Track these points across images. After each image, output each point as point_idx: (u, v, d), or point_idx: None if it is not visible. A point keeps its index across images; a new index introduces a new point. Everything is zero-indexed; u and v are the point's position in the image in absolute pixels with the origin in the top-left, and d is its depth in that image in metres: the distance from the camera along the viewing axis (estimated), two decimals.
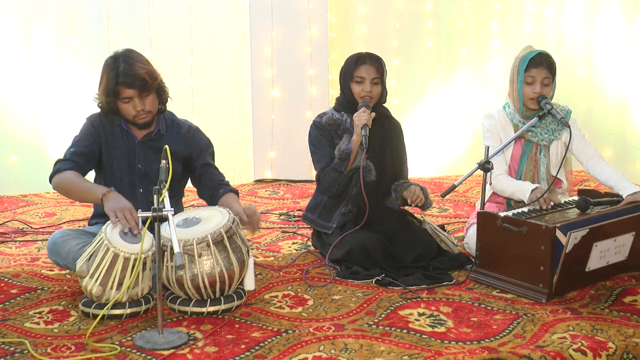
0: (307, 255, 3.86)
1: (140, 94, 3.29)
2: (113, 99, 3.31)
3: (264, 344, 2.79)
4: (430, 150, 6.16)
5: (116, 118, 3.42)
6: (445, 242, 3.77)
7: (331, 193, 3.72)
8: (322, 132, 3.76)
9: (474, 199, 5.08)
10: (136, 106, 3.31)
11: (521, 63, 3.71)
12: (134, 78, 3.25)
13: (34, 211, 4.89)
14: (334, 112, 3.78)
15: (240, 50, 5.75)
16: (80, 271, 3.01)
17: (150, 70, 3.33)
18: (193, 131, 3.55)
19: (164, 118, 3.50)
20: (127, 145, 3.44)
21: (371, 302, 3.22)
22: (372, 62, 3.69)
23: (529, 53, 3.73)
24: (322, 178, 3.73)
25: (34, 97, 5.40)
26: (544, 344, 2.78)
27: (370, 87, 3.67)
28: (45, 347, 2.77)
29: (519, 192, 3.65)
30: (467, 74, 6.14)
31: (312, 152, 3.82)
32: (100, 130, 3.43)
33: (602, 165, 3.77)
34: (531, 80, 3.70)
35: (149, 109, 3.34)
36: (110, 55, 3.35)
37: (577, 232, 3.11)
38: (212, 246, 3.00)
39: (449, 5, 6.05)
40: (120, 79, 3.25)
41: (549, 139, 3.78)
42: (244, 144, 5.89)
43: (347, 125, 3.71)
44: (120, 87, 3.27)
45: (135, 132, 3.44)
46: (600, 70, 6.01)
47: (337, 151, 3.63)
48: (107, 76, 3.29)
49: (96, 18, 5.42)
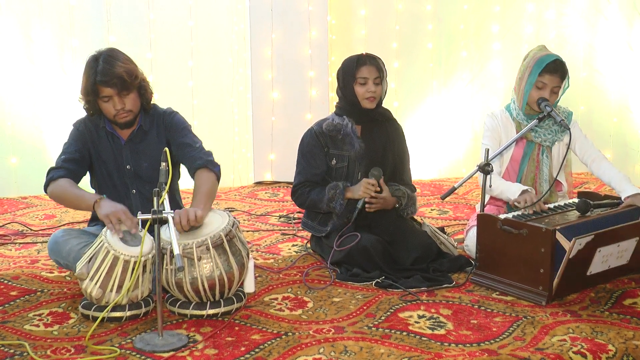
0: (307, 257, 3.86)
1: (119, 93, 3.27)
2: (93, 98, 3.30)
3: (263, 347, 2.79)
4: (430, 153, 6.16)
5: (101, 121, 3.41)
6: (445, 245, 3.76)
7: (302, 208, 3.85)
8: (317, 142, 3.76)
9: (474, 201, 5.08)
10: (115, 105, 3.28)
11: (536, 65, 3.66)
12: (112, 76, 3.22)
13: (33, 213, 4.89)
14: (335, 117, 3.78)
15: (240, 52, 5.75)
16: (80, 274, 3.01)
17: (129, 69, 3.28)
18: (168, 115, 3.49)
19: (147, 114, 3.46)
20: (114, 148, 3.43)
21: (371, 304, 3.22)
22: (372, 62, 3.69)
23: (546, 56, 3.67)
24: (298, 194, 3.80)
25: (34, 99, 5.41)
26: (544, 347, 2.78)
27: (374, 87, 3.67)
28: (45, 350, 2.77)
29: (508, 192, 3.65)
30: (467, 76, 6.14)
31: (297, 160, 3.85)
32: (86, 134, 3.42)
33: (606, 166, 3.77)
34: (541, 86, 3.67)
35: (129, 108, 3.32)
36: (92, 54, 3.33)
37: (581, 239, 3.10)
38: (211, 249, 3.00)
39: (449, 8, 6.06)
40: (98, 77, 3.23)
41: (552, 140, 3.78)
42: (244, 146, 5.89)
43: (348, 130, 3.71)
44: (99, 86, 3.25)
45: (120, 133, 3.42)
46: (601, 73, 6.01)
47: (328, 196, 3.66)
48: (87, 75, 3.28)
49: (96, 20, 5.43)
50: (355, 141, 3.71)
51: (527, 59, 3.73)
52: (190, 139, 3.45)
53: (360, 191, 3.64)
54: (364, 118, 3.75)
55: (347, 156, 3.74)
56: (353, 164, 3.74)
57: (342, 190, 3.66)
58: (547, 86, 3.67)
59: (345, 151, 3.73)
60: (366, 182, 3.64)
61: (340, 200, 3.65)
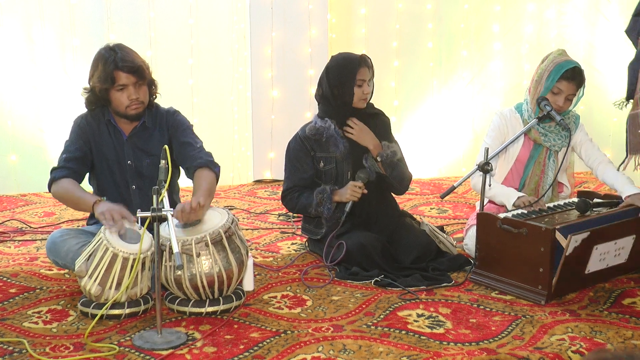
0: (306, 255, 3.86)
1: (136, 82, 3.30)
2: (109, 86, 3.30)
3: (262, 345, 2.79)
4: (430, 152, 6.15)
5: (103, 115, 3.42)
6: (444, 244, 3.76)
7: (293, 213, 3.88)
8: (302, 147, 3.76)
9: (474, 200, 5.08)
10: (130, 95, 3.30)
11: (555, 70, 3.63)
12: (133, 63, 3.28)
13: (33, 211, 4.89)
14: (318, 120, 3.77)
15: (241, 50, 5.75)
16: (79, 271, 3.01)
17: (145, 62, 3.37)
18: (171, 114, 3.51)
19: (150, 112, 3.47)
20: (116, 143, 3.43)
21: (370, 303, 3.22)
22: (367, 63, 3.70)
23: (565, 62, 3.64)
24: (287, 199, 3.82)
25: (36, 98, 5.41)
26: (543, 346, 2.78)
27: (367, 88, 3.68)
28: (43, 347, 2.77)
29: (503, 196, 3.64)
30: (467, 76, 6.14)
31: (285, 165, 3.86)
32: (87, 130, 3.43)
33: (610, 169, 3.75)
34: (557, 92, 3.65)
35: (142, 99, 3.35)
36: (103, 47, 3.36)
37: (577, 235, 3.11)
38: (210, 246, 3.00)
39: (450, 7, 6.05)
40: (119, 63, 3.26)
41: (561, 144, 3.77)
42: (244, 145, 5.89)
43: (331, 131, 3.70)
44: (118, 72, 3.27)
45: (123, 128, 3.43)
46: (601, 72, 6.01)
47: (316, 200, 3.66)
48: (104, 63, 3.29)
49: (97, 18, 5.43)
50: (339, 142, 3.70)
51: (546, 62, 3.70)
52: (192, 138, 3.47)
53: (347, 194, 3.65)
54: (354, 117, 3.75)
55: (334, 157, 3.74)
56: (341, 164, 3.74)
57: (329, 194, 3.66)
58: (563, 93, 3.65)
59: (331, 153, 3.73)
60: (353, 184, 3.65)
61: (328, 204, 3.66)
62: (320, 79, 3.78)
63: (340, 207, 3.70)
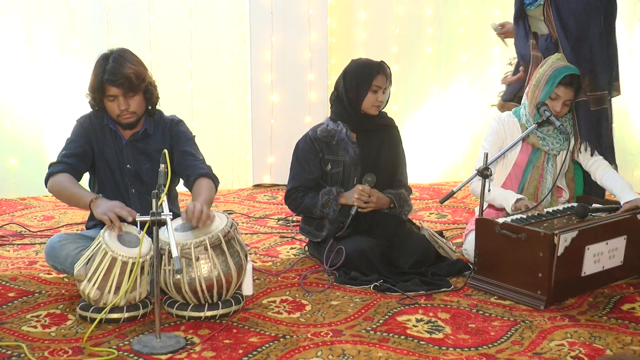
0: (305, 260, 3.86)
1: (125, 94, 3.28)
2: (99, 96, 3.31)
3: (261, 349, 2.79)
4: (430, 156, 6.16)
5: (105, 118, 3.42)
6: (444, 248, 3.76)
7: (296, 213, 3.90)
8: (311, 148, 3.76)
9: (473, 205, 5.08)
10: (120, 105, 3.29)
11: (553, 76, 3.64)
12: (119, 76, 3.24)
13: (32, 214, 4.88)
14: (330, 122, 3.77)
15: (240, 54, 5.75)
16: (78, 275, 3.01)
17: (138, 71, 3.29)
18: (175, 124, 3.50)
19: (152, 118, 3.47)
20: (116, 146, 3.43)
21: (369, 307, 3.21)
22: (386, 71, 3.70)
23: (564, 68, 3.65)
24: (291, 199, 3.81)
25: (35, 98, 5.41)
26: (542, 351, 2.78)
27: (382, 96, 3.69)
28: (42, 351, 2.76)
29: (502, 199, 3.64)
30: (467, 80, 6.14)
31: (292, 164, 3.85)
32: (89, 131, 3.43)
33: (610, 173, 3.75)
34: (555, 97, 3.66)
35: (133, 110, 3.32)
36: (103, 52, 3.35)
37: (566, 234, 3.14)
38: (209, 250, 3.00)
39: (449, 11, 6.06)
40: (106, 75, 3.25)
41: (559, 148, 3.78)
42: (243, 149, 5.89)
43: (342, 135, 3.71)
44: (106, 85, 3.26)
45: (123, 133, 3.43)
46: None
47: (322, 201, 3.67)
48: (96, 72, 3.30)
49: (97, 21, 5.43)
50: (349, 146, 3.71)
51: (545, 66, 3.70)
52: (194, 149, 3.49)
53: (354, 197, 3.64)
54: (364, 124, 3.75)
55: (342, 161, 3.74)
56: (348, 169, 3.74)
57: (335, 196, 3.66)
58: (561, 98, 3.66)
59: (340, 156, 3.73)
60: (359, 188, 3.65)
61: (334, 206, 3.66)
62: (336, 82, 3.80)
63: (345, 210, 3.70)
